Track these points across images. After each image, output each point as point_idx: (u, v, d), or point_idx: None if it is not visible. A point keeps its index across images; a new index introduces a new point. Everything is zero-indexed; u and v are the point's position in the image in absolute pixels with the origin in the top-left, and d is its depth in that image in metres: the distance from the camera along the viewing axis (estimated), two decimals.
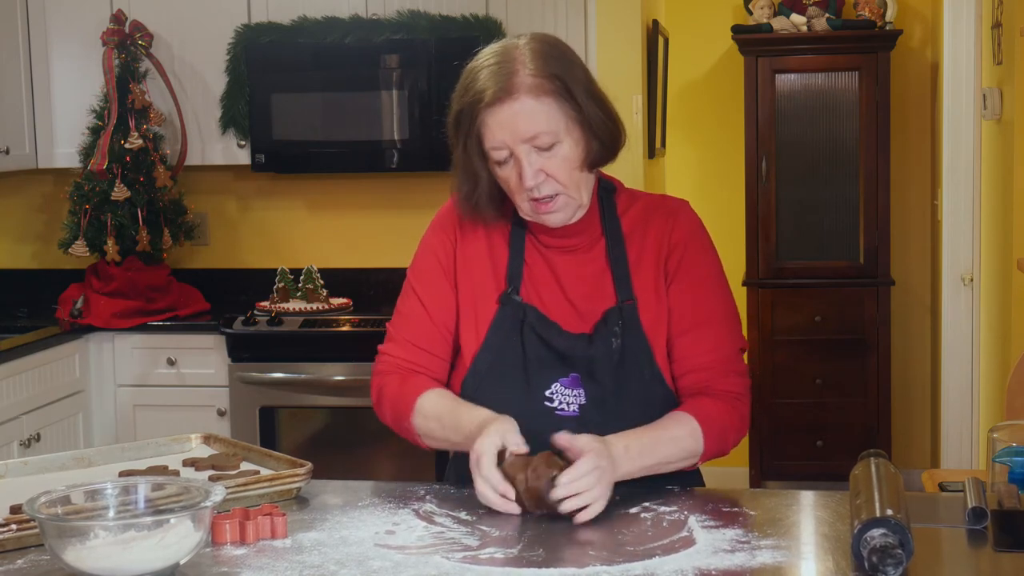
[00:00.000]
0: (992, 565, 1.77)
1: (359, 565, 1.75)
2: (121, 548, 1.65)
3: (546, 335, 2.15)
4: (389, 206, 4.93)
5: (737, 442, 2.19)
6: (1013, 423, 2.07)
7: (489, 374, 2.17)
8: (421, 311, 2.23)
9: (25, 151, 4.72)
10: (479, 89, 2.07)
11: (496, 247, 2.22)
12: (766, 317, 5.68)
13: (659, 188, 5.73)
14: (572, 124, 2.08)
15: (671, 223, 2.20)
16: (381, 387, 2.23)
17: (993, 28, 4.50)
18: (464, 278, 2.22)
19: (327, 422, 4.46)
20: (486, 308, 2.19)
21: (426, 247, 2.28)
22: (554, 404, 2.13)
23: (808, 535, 1.88)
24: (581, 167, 2.10)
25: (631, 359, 2.14)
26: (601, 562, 1.74)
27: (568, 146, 2.08)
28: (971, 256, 5.05)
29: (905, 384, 5.94)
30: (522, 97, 2.05)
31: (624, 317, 2.14)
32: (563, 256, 2.19)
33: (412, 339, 2.22)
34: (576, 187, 2.11)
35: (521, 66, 2.06)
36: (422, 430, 2.16)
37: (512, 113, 2.05)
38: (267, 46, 4.60)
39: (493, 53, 2.11)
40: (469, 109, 2.08)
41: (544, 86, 2.05)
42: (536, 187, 2.07)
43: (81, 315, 4.52)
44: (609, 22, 4.66)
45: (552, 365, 2.14)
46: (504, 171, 2.10)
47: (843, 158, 5.66)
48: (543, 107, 2.05)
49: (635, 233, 2.19)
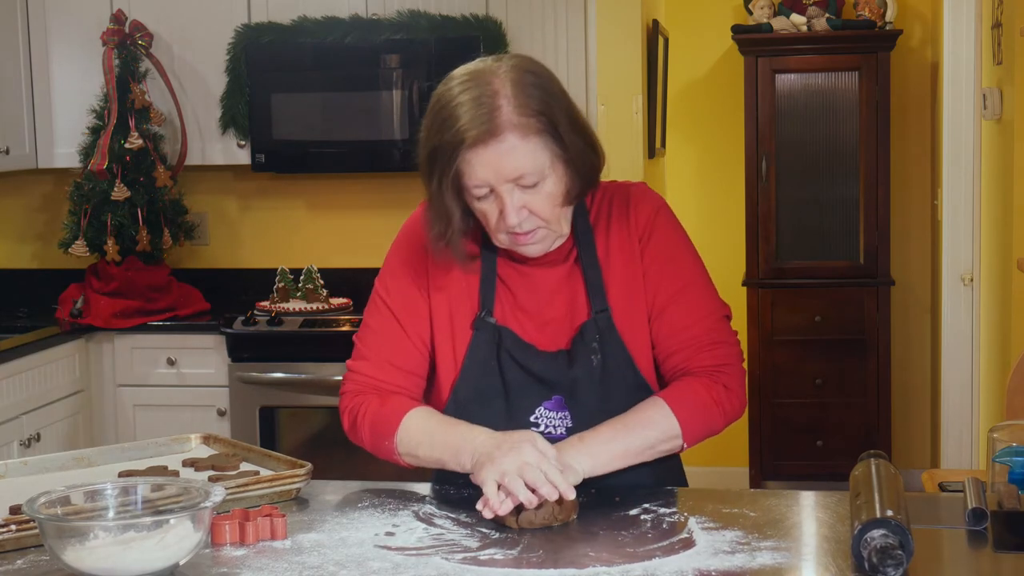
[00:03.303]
0: (992, 566, 1.77)
1: (359, 566, 1.75)
2: (121, 548, 1.65)
3: (523, 359, 2.10)
4: (389, 206, 4.93)
5: (731, 414, 2.10)
6: (1013, 423, 2.07)
7: (471, 404, 2.11)
8: (394, 325, 2.15)
9: (25, 151, 4.72)
10: (460, 128, 1.95)
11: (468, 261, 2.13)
12: (766, 317, 5.68)
13: (659, 188, 5.74)
14: (556, 161, 1.99)
15: (633, 202, 2.14)
16: (356, 410, 2.14)
17: (993, 28, 4.50)
18: (437, 292, 2.14)
19: (327, 422, 4.46)
20: (462, 332, 2.13)
21: (394, 256, 2.20)
22: (540, 428, 2.09)
23: (808, 536, 1.88)
24: (563, 202, 2.04)
25: (614, 371, 2.09)
26: (601, 563, 1.74)
27: (552, 183, 2.00)
28: (971, 256, 5.05)
29: (905, 384, 5.94)
30: (508, 137, 1.94)
31: (601, 329, 2.09)
32: (536, 269, 2.13)
33: (387, 357, 2.15)
34: (557, 221, 2.05)
35: (505, 101, 1.95)
36: (406, 447, 2.08)
37: (498, 154, 1.95)
38: (267, 46, 4.60)
39: (469, 83, 1.98)
40: (449, 148, 1.97)
41: (531, 125, 1.95)
42: (519, 224, 2.00)
43: (81, 315, 4.52)
44: (609, 22, 4.66)
45: (533, 389, 2.10)
46: (484, 205, 2.01)
47: (843, 158, 5.66)
48: (529, 147, 1.96)
49: (600, 221, 2.14)
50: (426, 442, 2.06)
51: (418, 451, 2.07)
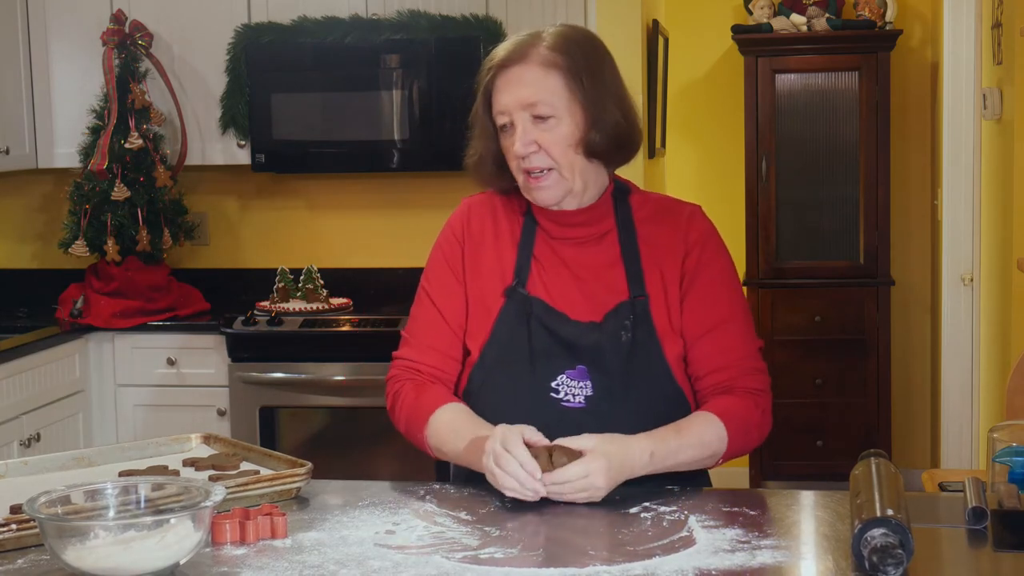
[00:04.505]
0: (992, 565, 1.77)
1: (359, 565, 1.75)
2: (121, 548, 1.65)
3: (552, 325, 2.16)
4: (389, 206, 4.93)
5: (760, 439, 2.19)
6: (1013, 423, 2.07)
7: (495, 366, 2.17)
8: (435, 314, 2.25)
9: (25, 151, 4.72)
10: (497, 51, 2.17)
11: (504, 245, 2.23)
12: (766, 317, 5.68)
13: (659, 188, 5.74)
14: (575, 106, 2.12)
15: (686, 224, 2.22)
16: (396, 394, 2.25)
17: (993, 28, 4.50)
18: (473, 278, 2.23)
19: (327, 422, 4.46)
20: (493, 303, 2.21)
21: (436, 253, 2.30)
22: (559, 395, 2.13)
23: (808, 535, 1.88)
24: (577, 149, 2.13)
25: (641, 353, 2.14)
26: (601, 562, 1.74)
27: (567, 125, 2.12)
28: (971, 256, 5.05)
29: (905, 384, 5.94)
30: (531, 65, 2.13)
31: (636, 312, 2.15)
32: (573, 248, 2.21)
33: (428, 341, 2.24)
34: (570, 167, 2.14)
35: (541, 41, 2.15)
36: (434, 443, 2.18)
37: (518, 76, 2.13)
38: (267, 46, 4.60)
39: (528, 29, 2.21)
40: (486, 71, 2.17)
41: (556, 61, 2.12)
42: (527, 157, 2.12)
43: (81, 315, 4.52)
44: (609, 22, 4.66)
45: (559, 356, 2.15)
46: (505, 139, 2.16)
47: (843, 158, 5.66)
48: (548, 79, 2.12)
49: (649, 232, 2.21)
50: (451, 440, 2.14)
51: (444, 447, 2.16)
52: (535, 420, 2.04)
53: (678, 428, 2.10)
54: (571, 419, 2.09)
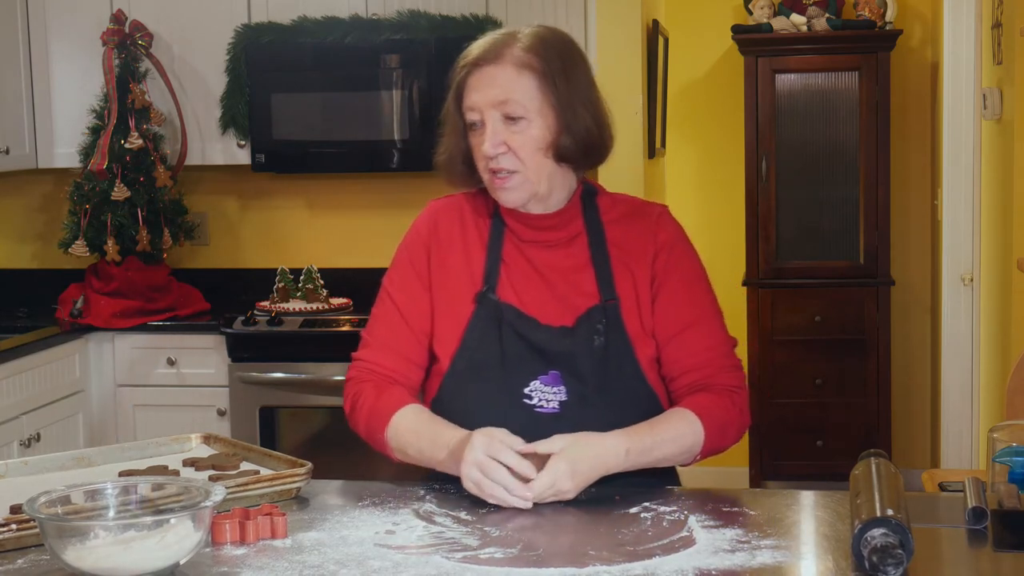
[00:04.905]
0: (992, 565, 1.77)
1: (359, 565, 1.75)
2: (121, 548, 1.65)
3: (524, 330, 2.14)
4: (389, 206, 4.93)
5: (738, 437, 2.18)
6: (1013, 423, 2.07)
7: (467, 373, 2.15)
8: (397, 317, 2.22)
9: (25, 151, 4.72)
10: (472, 49, 2.16)
11: (472, 249, 2.21)
12: (766, 317, 5.68)
13: (659, 188, 5.74)
14: (547, 108, 2.11)
15: (655, 225, 2.21)
16: (356, 396, 2.21)
17: (993, 28, 4.50)
18: (440, 284, 2.21)
19: (327, 422, 4.46)
20: (463, 309, 2.18)
21: (402, 255, 2.27)
22: (533, 401, 2.12)
23: (808, 535, 1.88)
24: (547, 152, 2.12)
25: (614, 357, 2.13)
26: (601, 562, 1.74)
27: (538, 127, 2.11)
28: (971, 256, 5.05)
29: (905, 384, 5.94)
30: (505, 65, 2.11)
31: (608, 315, 2.14)
32: (542, 251, 2.19)
33: (388, 344, 2.21)
34: (536, 171, 2.12)
35: (517, 41, 2.14)
36: (395, 444, 2.15)
37: (491, 76, 2.11)
38: (267, 46, 4.60)
39: (504, 29, 2.22)
40: (460, 68, 2.16)
41: (530, 62, 2.11)
42: (496, 157, 2.10)
43: (81, 315, 4.52)
44: (609, 22, 4.66)
45: (531, 362, 2.13)
46: (474, 137, 2.14)
47: (843, 158, 5.66)
48: (521, 79, 2.10)
49: (617, 234, 2.19)
50: (414, 442, 2.12)
51: (408, 449, 2.14)
52: (509, 427, 2.02)
53: (654, 424, 2.09)
54: (545, 425, 2.07)
